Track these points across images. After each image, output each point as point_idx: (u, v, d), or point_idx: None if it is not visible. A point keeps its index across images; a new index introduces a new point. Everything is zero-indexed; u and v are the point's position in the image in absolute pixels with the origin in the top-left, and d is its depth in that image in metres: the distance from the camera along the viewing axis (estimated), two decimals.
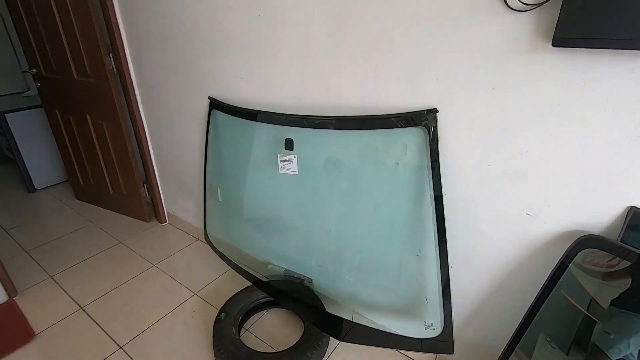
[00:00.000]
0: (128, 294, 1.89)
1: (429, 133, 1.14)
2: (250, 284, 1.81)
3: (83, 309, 1.78)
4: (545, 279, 1.07)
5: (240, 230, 1.99)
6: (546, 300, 1.04)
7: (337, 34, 1.21)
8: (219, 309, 1.65)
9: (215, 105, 1.72)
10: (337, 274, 1.64)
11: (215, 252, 2.08)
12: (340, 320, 1.60)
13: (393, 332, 1.48)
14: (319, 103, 1.36)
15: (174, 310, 1.79)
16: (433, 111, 1.12)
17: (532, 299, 1.14)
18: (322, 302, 1.71)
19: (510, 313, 1.23)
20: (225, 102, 1.68)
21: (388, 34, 1.11)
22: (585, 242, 0.97)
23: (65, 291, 1.90)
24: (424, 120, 1.13)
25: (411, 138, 1.18)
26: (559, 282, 1.02)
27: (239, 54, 1.52)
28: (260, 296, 1.74)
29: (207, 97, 1.77)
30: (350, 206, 1.45)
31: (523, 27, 0.91)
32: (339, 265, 1.61)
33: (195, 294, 1.89)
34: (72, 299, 1.85)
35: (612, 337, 0.93)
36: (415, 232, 1.30)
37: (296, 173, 1.49)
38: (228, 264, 2.00)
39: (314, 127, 1.35)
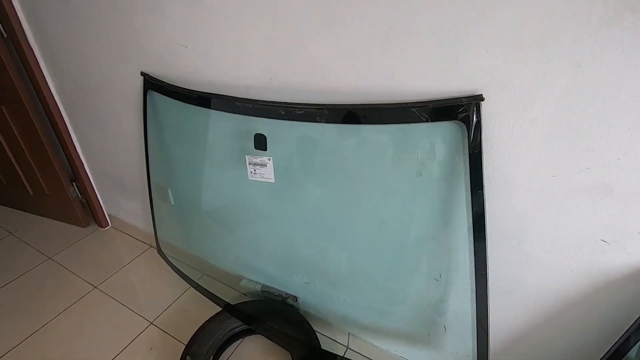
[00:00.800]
0: (61, 333, 1.47)
1: (468, 130, 0.78)
2: (220, 308, 1.46)
3: None
4: (620, 324, 0.81)
5: (203, 240, 1.59)
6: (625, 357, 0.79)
7: None
8: (184, 344, 1.30)
9: (152, 84, 1.24)
10: (328, 293, 1.33)
11: (172, 269, 1.68)
12: (334, 356, 1.31)
13: None
14: (302, 84, 0.94)
15: (124, 349, 1.41)
16: (477, 99, 0.75)
17: (592, 341, 0.89)
18: (310, 323, 1.41)
19: (556, 353, 0.98)
20: (165, 80, 1.21)
21: None
22: None
23: None
24: (461, 111, 0.77)
25: (442, 137, 0.82)
26: None
27: (177, 7, 1.04)
28: (234, 324, 1.41)
29: (139, 73, 1.28)
30: (344, 217, 1.10)
31: None
32: (331, 284, 1.29)
33: (151, 323, 1.52)
34: None
35: None
36: (436, 253, 0.99)
37: (272, 181, 1.10)
38: (191, 285, 1.62)
39: (295, 119, 0.95)
